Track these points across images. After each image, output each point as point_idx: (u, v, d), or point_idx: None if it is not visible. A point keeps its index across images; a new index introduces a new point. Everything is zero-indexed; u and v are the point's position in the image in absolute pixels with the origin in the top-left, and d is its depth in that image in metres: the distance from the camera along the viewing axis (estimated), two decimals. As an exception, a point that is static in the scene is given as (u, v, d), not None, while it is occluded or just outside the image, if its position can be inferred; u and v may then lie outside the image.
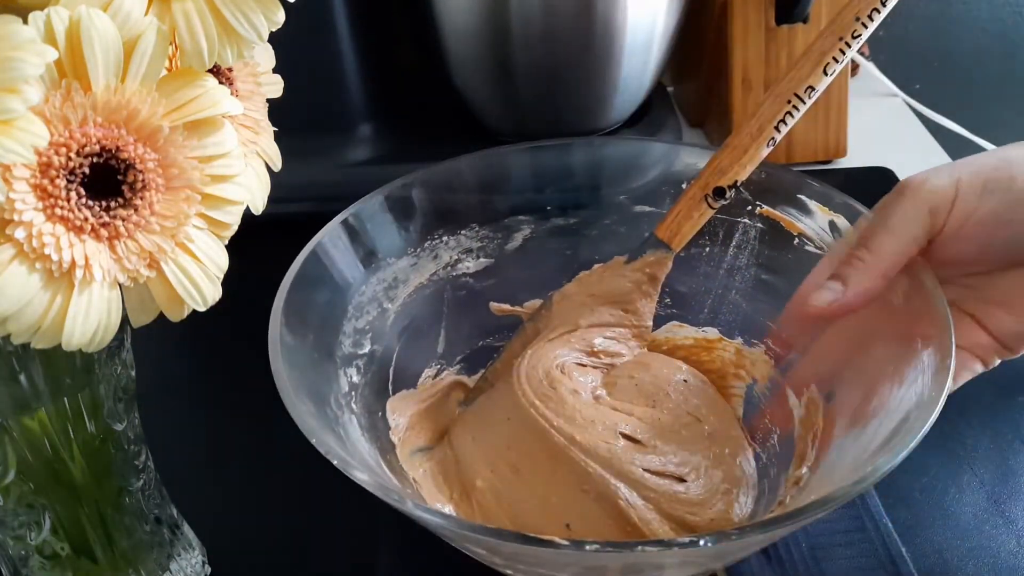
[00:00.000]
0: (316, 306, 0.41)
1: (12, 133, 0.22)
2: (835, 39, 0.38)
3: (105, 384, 0.34)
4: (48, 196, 0.23)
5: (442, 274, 0.48)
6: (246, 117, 0.31)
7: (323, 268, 0.42)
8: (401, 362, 0.46)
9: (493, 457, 0.42)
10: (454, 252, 0.48)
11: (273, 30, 0.26)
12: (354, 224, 0.43)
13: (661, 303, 0.46)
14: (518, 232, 0.49)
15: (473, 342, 0.49)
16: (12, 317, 0.23)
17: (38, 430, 0.33)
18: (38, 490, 0.34)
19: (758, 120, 0.40)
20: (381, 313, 0.45)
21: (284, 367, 0.36)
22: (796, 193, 0.43)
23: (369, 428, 0.41)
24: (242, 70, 0.32)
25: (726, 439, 0.43)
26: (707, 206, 0.42)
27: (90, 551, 0.37)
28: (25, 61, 0.21)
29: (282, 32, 0.27)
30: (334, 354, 0.41)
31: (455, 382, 0.48)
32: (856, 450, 0.35)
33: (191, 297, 0.26)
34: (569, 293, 0.47)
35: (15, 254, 0.23)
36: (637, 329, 0.46)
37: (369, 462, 0.38)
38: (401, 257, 0.46)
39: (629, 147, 0.50)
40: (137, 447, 0.37)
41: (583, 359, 0.45)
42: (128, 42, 0.24)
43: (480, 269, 0.49)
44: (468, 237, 0.48)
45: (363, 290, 0.44)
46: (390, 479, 0.39)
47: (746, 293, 0.46)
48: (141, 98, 0.24)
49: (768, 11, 0.67)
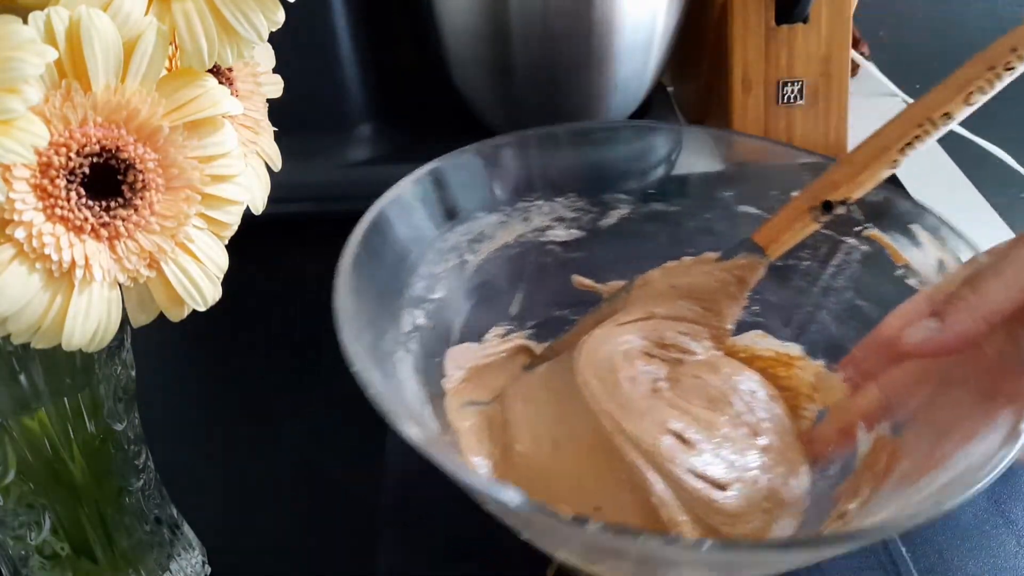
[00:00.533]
0: (395, 243, 0.41)
1: (12, 133, 0.22)
2: (984, 68, 0.36)
3: (105, 384, 0.34)
4: (48, 196, 0.23)
5: (530, 237, 0.47)
6: (246, 117, 0.31)
7: (407, 211, 0.41)
8: (472, 315, 0.45)
9: (537, 426, 0.41)
10: (546, 218, 0.47)
11: (273, 30, 0.26)
12: (443, 174, 0.43)
13: (748, 310, 0.45)
14: (615, 210, 0.48)
15: (549, 311, 0.48)
16: (12, 317, 0.23)
17: (38, 430, 0.33)
18: (38, 490, 0.34)
19: (882, 139, 0.38)
20: (460, 264, 0.45)
21: (347, 295, 0.35)
22: (909, 223, 0.41)
23: (423, 371, 0.41)
24: (242, 70, 0.32)
25: (782, 458, 0.41)
26: (811, 219, 0.40)
27: (90, 551, 0.37)
28: (25, 61, 0.21)
29: (282, 32, 0.27)
30: (403, 293, 0.41)
31: (522, 346, 0.47)
32: (906, 495, 0.34)
33: (191, 297, 0.26)
34: (652, 279, 0.45)
35: (15, 254, 0.23)
36: (716, 330, 0.45)
37: (412, 402, 0.38)
38: (491, 213, 0.45)
39: (746, 144, 0.49)
40: (137, 447, 0.37)
41: (652, 349, 0.44)
42: (128, 42, 0.24)
43: (570, 240, 0.48)
44: (563, 206, 0.47)
45: (447, 238, 0.43)
46: (430, 422, 0.39)
47: (838, 316, 0.44)
48: (141, 98, 0.24)
49: (768, 11, 0.67)
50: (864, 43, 0.83)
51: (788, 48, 0.68)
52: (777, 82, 0.68)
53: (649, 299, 0.45)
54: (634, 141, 0.48)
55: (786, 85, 0.68)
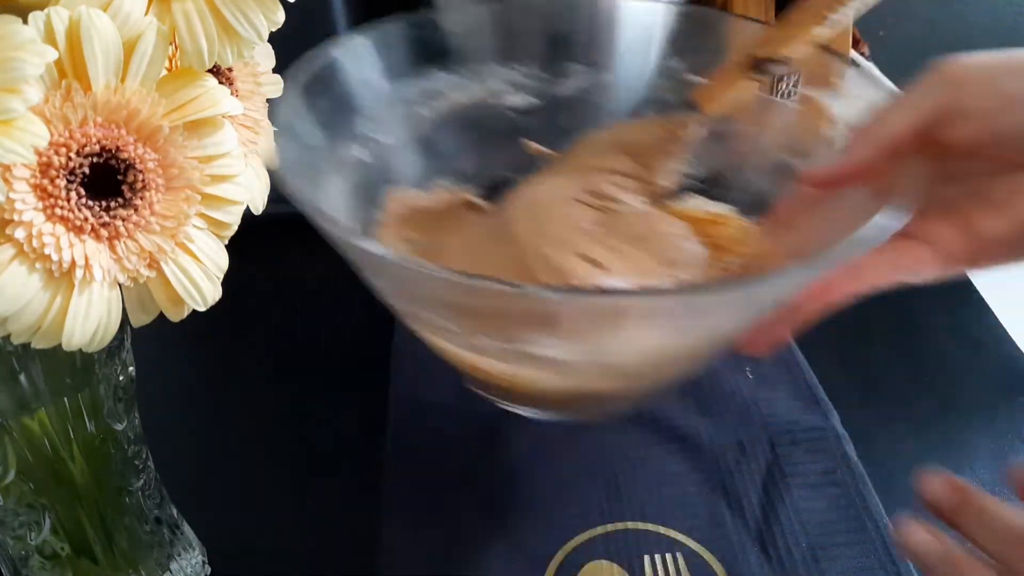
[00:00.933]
0: (345, 84, 0.42)
1: (12, 133, 0.22)
2: None
3: (105, 384, 0.34)
4: (48, 196, 0.23)
5: (487, 100, 0.48)
6: (246, 117, 0.31)
7: (360, 58, 0.43)
8: (420, 165, 0.47)
9: (462, 256, 0.43)
10: (502, 83, 0.48)
11: (273, 30, 0.26)
12: (398, 32, 0.45)
13: (687, 175, 0.46)
14: (571, 80, 0.49)
15: (498, 172, 0.49)
16: (12, 317, 0.23)
17: (38, 430, 0.33)
18: (38, 490, 0.34)
19: (816, 1, 0.39)
20: (411, 114, 0.46)
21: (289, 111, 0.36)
22: (836, 78, 0.41)
23: (358, 198, 0.43)
24: (242, 70, 0.32)
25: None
26: (744, 76, 0.41)
27: (90, 551, 0.37)
28: (25, 61, 0.21)
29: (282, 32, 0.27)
30: (347, 129, 0.43)
31: (468, 201, 0.49)
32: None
33: (191, 297, 0.26)
34: (596, 138, 0.47)
35: (15, 254, 0.23)
36: (651, 185, 0.46)
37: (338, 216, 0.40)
38: (449, 73, 0.47)
39: (696, 16, 0.49)
40: (137, 447, 0.37)
41: (586, 197, 0.45)
42: (128, 42, 0.24)
43: (525, 106, 0.49)
44: (520, 73, 0.48)
45: (401, 90, 0.45)
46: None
47: (766, 174, 0.45)
48: (141, 98, 0.24)
49: (768, 10, 0.67)
50: (864, 43, 0.83)
51: (788, 48, 0.68)
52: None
53: (590, 153, 0.47)
54: (592, 13, 0.49)
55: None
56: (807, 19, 0.39)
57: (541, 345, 0.34)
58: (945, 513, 0.33)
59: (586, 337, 0.34)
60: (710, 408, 0.51)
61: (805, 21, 0.39)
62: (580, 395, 0.40)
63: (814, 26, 0.39)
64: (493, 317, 0.33)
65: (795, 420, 0.50)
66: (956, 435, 0.50)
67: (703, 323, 0.35)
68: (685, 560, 0.42)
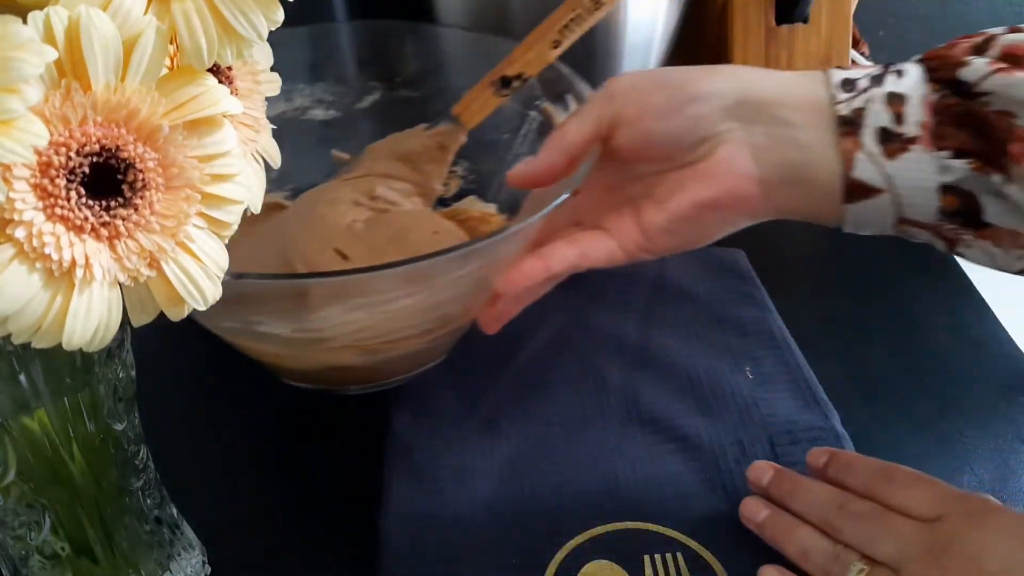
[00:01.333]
0: None
1: (12, 133, 0.22)
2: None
3: (105, 384, 0.34)
4: (48, 196, 0.23)
5: (291, 115, 0.55)
6: (245, 116, 0.31)
7: None
8: None
9: (249, 249, 0.46)
10: (307, 100, 0.55)
11: (272, 29, 0.26)
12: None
13: (466, 179, 0.55)
14: (369, 95, 0.56)
15: (307, 179, 0.56)
16: (12, 317, 0.23)
17: (38, 430, 0.33)
18: (38, 490, 0.34)
19: (547, 24, 0.47)
20: None
21: None
22: (564, 92, 0.49)
23: None
24: (241, 69, 0.32)
25: None
26: (494, 92, 0.49)
27: (90, 551, 0.37)
28: (25, 61, 0.21)
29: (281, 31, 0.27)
30: None
31: (277, 203, 0.55)
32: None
33: (191, 296, 0.26)
34: (377, 146, 0.54)
35: (15, 254, 0.23)
36: (424, 188, 0.53)
37: None
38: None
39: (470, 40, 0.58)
40: (137, 447, 0.37)
41: (361, 199, 0.52)
42: (128, 41, 0.24)
43: (328, 119, 0.56)
44: (323, 90, 0.55)
45: None
46: None
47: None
48: (141, 97, 0.24)
49: (768, 11, 0.67)
50: (864, 43, 0.83)
51: (788, 48, 0.68)
52: (777, 82, 0.68)
53: (371, 161, 0.54)
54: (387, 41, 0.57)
55: (786, 85, 0.68)
56: (541, 43, 0.47)
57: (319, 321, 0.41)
58: (768, 489, 0.44)
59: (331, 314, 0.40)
60: (710, 408, 0.51)
61: (540, 44, 0.47)
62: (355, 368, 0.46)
63: (547, 48, 0.47)
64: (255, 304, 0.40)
65: (795, 420, 0.50)
66: (956, 435, 0.50)
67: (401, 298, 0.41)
68: (685, 560, 0.42)
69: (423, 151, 0.52)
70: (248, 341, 0.44)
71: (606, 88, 0.42)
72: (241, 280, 0.34)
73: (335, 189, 0.52)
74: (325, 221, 0.50)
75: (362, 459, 0.48)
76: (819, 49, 0.68)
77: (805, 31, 0.67)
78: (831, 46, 0.68)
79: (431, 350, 0.48)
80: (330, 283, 0.38)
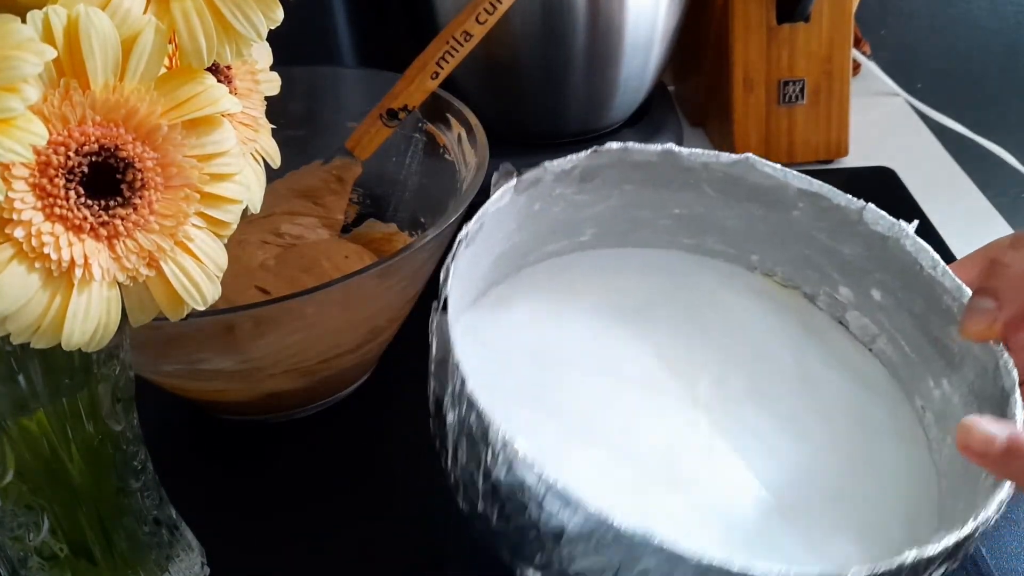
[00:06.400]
0: None
1: (11, 132, 0.22)
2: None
3: (104, 384, 0.34)
4: (47, 195, 0.23)
5: None
6: (244, 115, 0.31)
7: None
8: None
9: None
10: None
11: (272, 28, 0.26)
12: None
13: (363, 204, 0.57)
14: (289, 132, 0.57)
15: None
16: (11, 317, 0.23)
17: (36, 431, 0.33)
18: (36, 491, 0.34)
19: (425, 57, 0.50)
20: None
21: None
22: (446, 112, 0.52)
23: None
24: (240, 68, 0.32)
25: None
26: (382, 124, 0.52)
27: (89, 552, 0.37)
28: (24, 60, 0.21)
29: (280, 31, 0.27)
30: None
31: None
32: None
33: (190, 296, 0.26)
34: (276, 186, 0.54)
35: (14, 254, 0.23)
36: (327, 220, 0.55)
37: None
38: None
39: (354, 76, 0.60)
40: (136, 447, 0.37)
41: (268, 237, 0.54)
42: (127, 40, 0.24)
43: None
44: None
45: None
46: None
47: (414, 194, 0.56)
48: (140, 96, 0.24)
49: (769, 10, 0.67)
50: (865, 42, 0.83)
51: (789, 47, 0.68)
52: (778, 82, 0.68)
53: (273, 201, 0.55)
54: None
55: (787, 85, 0.68)
56: (422, 74, 0.50)
57: (258, 350, 0.42)
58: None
59: (253, 344, 0.42)
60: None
61: (420, 76, 0.50)
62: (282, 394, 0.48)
63: (427, 79, 0.50)
64: (176, 346, 0.42)
65: None
66: (958, 435, 0.49)
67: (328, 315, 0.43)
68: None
69: (322, 185, 0.55)
70: (190, 382, 0.46)
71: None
72: (186, 320, 0.35)
73: (241, 231, 0.51)
74: (239, 263, 0.50)
75: (362, 457, 0.48)
76: (820, 48, 0.68)
77: (806, 30, 0.67)
78: (832, 45, 0.68)
79: (362, 365, 0.50)
80: (265, 312, 0.40)
